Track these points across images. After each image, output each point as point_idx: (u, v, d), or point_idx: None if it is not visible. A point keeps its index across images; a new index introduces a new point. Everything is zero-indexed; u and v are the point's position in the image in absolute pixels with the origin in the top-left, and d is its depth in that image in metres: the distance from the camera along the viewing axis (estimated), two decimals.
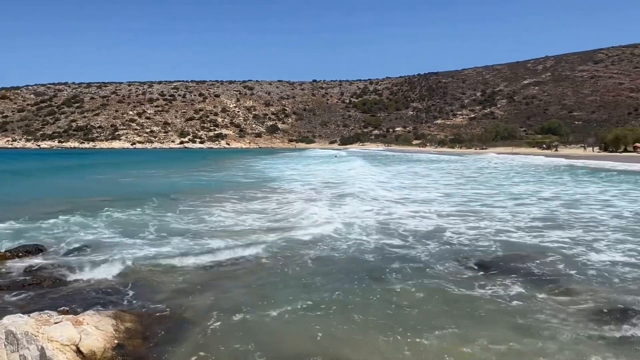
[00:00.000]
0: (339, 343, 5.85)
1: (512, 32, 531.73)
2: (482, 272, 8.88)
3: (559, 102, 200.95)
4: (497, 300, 7.36)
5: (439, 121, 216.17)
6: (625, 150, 78.76)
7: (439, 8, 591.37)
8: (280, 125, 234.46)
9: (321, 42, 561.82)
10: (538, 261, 9.57)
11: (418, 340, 5.92)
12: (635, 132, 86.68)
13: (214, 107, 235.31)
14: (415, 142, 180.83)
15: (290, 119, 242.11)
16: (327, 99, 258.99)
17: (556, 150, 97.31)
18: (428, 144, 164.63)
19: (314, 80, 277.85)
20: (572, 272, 8.86)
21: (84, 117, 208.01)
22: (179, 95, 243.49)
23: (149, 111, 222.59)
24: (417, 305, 7.15)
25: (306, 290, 7.81)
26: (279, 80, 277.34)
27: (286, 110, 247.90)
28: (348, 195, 20.72)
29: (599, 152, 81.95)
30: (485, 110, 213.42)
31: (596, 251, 10.39)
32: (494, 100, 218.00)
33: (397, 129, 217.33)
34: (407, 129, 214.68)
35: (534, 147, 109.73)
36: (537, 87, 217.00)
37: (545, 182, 28.18)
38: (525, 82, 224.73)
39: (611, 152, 79.37)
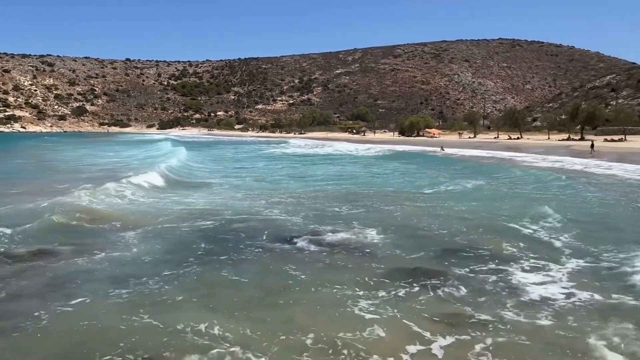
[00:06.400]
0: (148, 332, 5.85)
1: (325, 24, 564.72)
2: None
3: (366, 91, 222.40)
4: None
5: (260, 106, 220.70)
6: (418, 135, 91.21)
7: None
8: (88, 107, 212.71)
9: (135, 16, 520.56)
10: None
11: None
12: (425, 119, 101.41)
13: (3, 84, 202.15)
14: (237, 126, 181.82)
15: (100, 100, 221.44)
16: (143, 80, 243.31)
17: (364, 134, 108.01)
18: (250, 129, 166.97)
19: (128, 59, 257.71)
20: None
21: None
22: None
23: None
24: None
25: (119, 280, 7.56)
26: (86, 57, 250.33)
27: (95, 90, 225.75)
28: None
29: (399, 136, 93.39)
30: (303, 97, 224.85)
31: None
32: (311, 88, 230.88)
33: (219, 113, 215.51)
34: (229, 113, 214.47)
35: (345, 132, 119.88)
36: (347, 77, 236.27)
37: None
38: (337, 71, 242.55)
39: (408, 136, 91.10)
